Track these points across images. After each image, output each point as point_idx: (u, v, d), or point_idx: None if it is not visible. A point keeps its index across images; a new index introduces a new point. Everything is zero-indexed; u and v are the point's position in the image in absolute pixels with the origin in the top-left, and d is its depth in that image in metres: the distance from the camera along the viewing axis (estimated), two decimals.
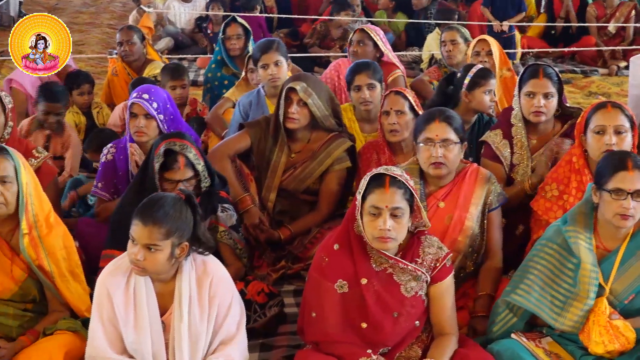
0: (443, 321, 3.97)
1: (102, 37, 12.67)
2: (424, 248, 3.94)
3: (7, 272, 4.20)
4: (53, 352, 3.96)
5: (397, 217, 3.78)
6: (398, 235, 3.81)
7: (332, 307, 3.89)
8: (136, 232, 3.68)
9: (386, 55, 7.11)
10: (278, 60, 6.16)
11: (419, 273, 3.88)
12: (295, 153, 5.40)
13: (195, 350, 3.78)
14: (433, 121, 4.49)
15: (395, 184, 3.80)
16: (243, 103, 6.41)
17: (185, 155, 4.60)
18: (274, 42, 6.31)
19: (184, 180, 4.59)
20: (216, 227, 4.73)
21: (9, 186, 4.11)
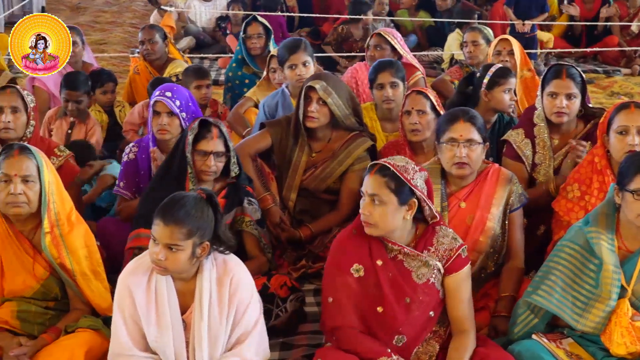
0: (460, 316, 3.96)
1: (124, 36, 12.70)
2: (438, 238, 3.97)
3: (29, 270, 4.23)
4: (74, 350, 3.98)
5: (376, 203, 3.84)
6: (378, 221, 3.85)
7: (349, 292, 3.92)
8: (157, 232, 3.69)
9: (405, 57, 7.08)
10: (306, 61, 6.16)
11: (429, 260, 3.91)
12: (316, 152, 5.41)
13: (215, 348, 3.79)
14: (457, 121, 4.48)
15: (382, 172, 3.87)
16: (268, 104, 6.40)
17: (219, 127, 4.67)
18: (302, 42, 6.30)
19: (215, 153, 4.65)
20: (242, 218, 4.77)
21: (31, 185, 4.14)
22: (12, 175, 4.11)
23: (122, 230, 4.93)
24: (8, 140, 5.08)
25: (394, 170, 3.85)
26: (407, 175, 3.85)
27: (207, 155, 4.65)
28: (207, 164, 4.64)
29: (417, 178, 3.89)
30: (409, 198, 3.87)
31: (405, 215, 3.89)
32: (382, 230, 3.88)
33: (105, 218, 5.54)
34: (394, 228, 3.90)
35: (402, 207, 3.86)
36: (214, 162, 4.65)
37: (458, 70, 7.74)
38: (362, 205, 3.89)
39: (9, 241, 4.21)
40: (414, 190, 3.87)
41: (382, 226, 3.87)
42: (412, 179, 3.86)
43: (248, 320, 3.84)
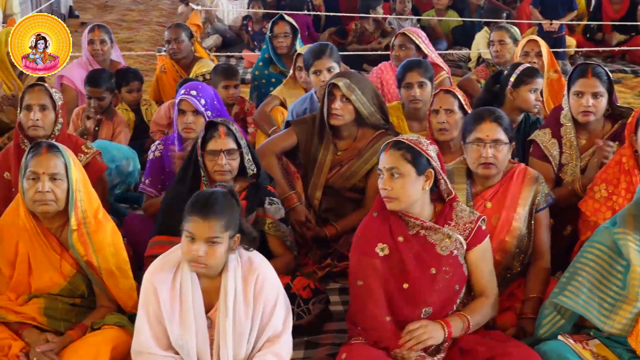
0: (482, 285, 4.11)
1: (151, 35, 12.76)
2: (456, 212, 4.08)
3: (57, 268, 4.25)
4: (100, 347, 4.00)
5: (395, 176, 3.95)
6: (399, 194, 3.95)
7: (375, 275, 3.98)
8: (196, 228, 3.70)
9: (430, 57, 7.06)
10: (331, 67, 6.13)
11: (450, 232, 4.00)
12: (342, 151, 5.40)
13: (239, 347, 3.80)
14: (483, 121, 4.48)
15: (396, 146, 3.98)
16: (297, 110, 6.37)
17: (225, 125, 4.65)
18: (328, 47, 6.27)
19: (226, 151, 4.61)
20: (264, 219, 4.76)
21: (59, 183, 4.16)
22: (40, 173, 4.13)
23: (148, 228, 4.95)
24: (36, 138, 5.10)
25: (409, 143, 3.96)
26: (422, 147, 3.98)
27: (218, 154, 4.62)
28: (219, 163, 4.61)
29: (431, 150, 4.02)
30: (425, 168, 3.98)
31: (424, 186, 3.99)
32: (403, 203, 3.97)
33: (131, 215, 5.56)
34: (414, 200, 3.99)
35: (420, 177, 3.96)
36: (225, 160, 4.62)
37: (484, 70, 7.72)
38: (381, 182, 3.98)
39: (37, 239, 4.24)
40: (429, 160, 3.98)
41: (404, 199, 3.96)
42: (427, 150, 3.99)
43: (277, 320, 3.85)
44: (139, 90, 7.35)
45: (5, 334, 4.16)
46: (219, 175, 4.61)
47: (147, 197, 5.39)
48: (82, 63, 7.63)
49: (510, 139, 4.51)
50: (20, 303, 4.26)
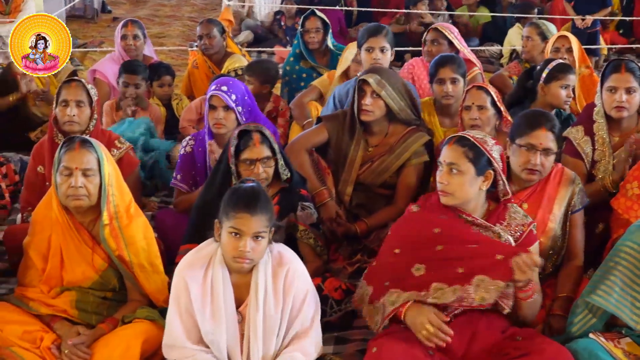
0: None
1: (183, 30, 12.79)
2: (510, 213, 4.07)
3: (89, 262, 4.28)
4: (131, 340, 4.03)
5: (454, 172, 3.93)
6: (456, 190, 3.95)
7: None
8: (245, 225, 3.72)
9: (462, 52, 7.03)
10: (384, 47, 6.17)
11: (501, 232, 3.97)
12: (373, 147, 5.39)
13: (269, 341, 3.81)
14: (539, 128, 4.42)
15: (461, 142, 3.96)
16: (339, 92, 6.36)
17: (260, 131, 4.63)
18: (384, 28, 6.32)
19: (261, 159, 4.60)
20: (296, 226, 4.75)
21: (91, 179, 4.19)
22: (73, 168, 4.16)
23: (179, 223, 4.96)
24: (71, 133, 5.14)
25: (474, 141, 3.93)
26: (487, 146, 3.95)
27: (254, 163, 4.60)
28: (255, 172, 4.58)
29: (494, 150, 3.99)
30: (486, 169, 3.96)
31: (482, 186, 3.98)
32: (458, 199, 3.97)
33: (163, 210, 5.59)
34: (469, 198, 3.98)
35: (479, 177, 3.95)
36: (262, 168, 4.60)
37: (517, 66, 7.68)
38: (440, 175, 3.98)
39: (69, 233, 4.27)
40: (491, 161, 3.96)
41: (459, 195, 3.95)
42: (491, 150, 3.96)
43: (306, 315, 3.86)
44: (170, 85, 7.38)
45: (38, 326, 4.20)
46: None
47: (178, 193, 5.41)
48: (115, 58, 7.67)
49: (560, 147, 4.50)
50: (52, 296, 4.30)
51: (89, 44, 11.26)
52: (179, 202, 5.35)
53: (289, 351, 3.81)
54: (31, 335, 4.14)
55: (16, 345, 4.09)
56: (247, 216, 3.73)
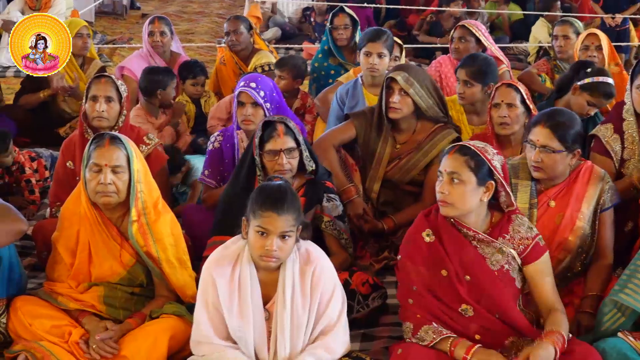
0: (549, 300, 3.96)
1: (211, 27, 12.81)
2: (513, 226, 3.96)
3: (117, 257, 4.30)
4: (158, 335, 4.06)
5: (455, 182, 3.85)
6: (456, 201, 3.86)
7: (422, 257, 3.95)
8: (271, 224, 3.72)
9: (490, 49, 7.00)
10: (382, 53, 6.14)
11: (503, 247, 3.90)
12: (401, 144, 5.38)
13: (297, 338, 3.81)
14: (538, 125, 4.42)
15: (461, 151, 3.89)
16: (340, 92, 6.42)
17: (284, 123, 4.63)
18: (384, 34, 6.28)
19: (285, 150, 4.60)
20: (321, 217, 4.75)
21: (120, 175, 4.21)
22: (102, 165, 4.18)
23: (207, 219, 4.97)
24: (100, 129, 5.16)
25: (475, 150, 3.87)
26: (488, 156, 3.88)
27: (278, 154, 4.60)
28: (279, 162, 4.58)
29: (496, 160, 3.91)
30: (487, 179, 3.88)
31: (482, 197, 3.90)
32: (458, 210, 3.88)
33: (190, 205, 5.60)
34: (470, 209, 3.90)
35: (480, 188, 3.87)
36: (286, 159, 4.59)
37: (545, 64, 7.64)
38: (440, 185, 3.91)
39: (98, 228, 4.29)
40: (492, 171, 3.88)
41: (459, 206, 3.87)
42: (492, 160, 3.89)
43: (332, 312, 3.86)
44: (202, 85, 7.38)
45: (66, 321, 4.23)
46: (280, 174, 4.53)
47: (206, 188, 5.42)
48: (143, 54, 7.70)
49: (568, 147, 4.40)
50: (80, 291, 4.33)
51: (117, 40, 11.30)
52: (207, 197, 5.36)
53: (314, 347, 3.82)
54: (59, 330, 4.17)
55: (45, 339, 4.12)
56: (274, 215, 3.72)
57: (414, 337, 3.89)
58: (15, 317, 4.20)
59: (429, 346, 3.83)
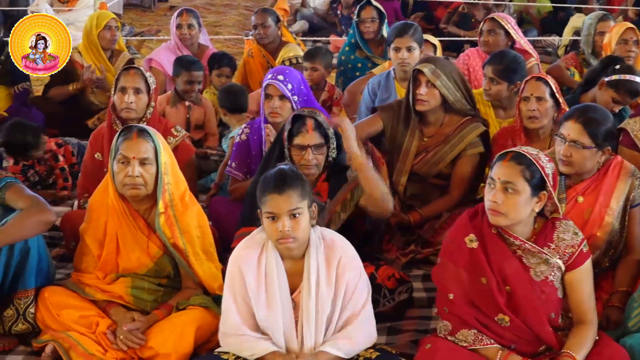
0: (582, 308, 3.88)
1: (238, 19, 12.84)
2: (558, 234, 3.86)
3: (144, 249, 4.32)
4: (185, 327, 4.06)
5: (508, 191, 3.73)
6: (509, 211, 3.74)
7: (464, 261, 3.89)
8: (275, 206, 3.73)
9: (519, 42, 6.97)
10: (411, 46, 6.15)
11: (549, 258, 3.81)
12: (428, 137, 5.37)
13: (322, 328, 3.81)
14: (570, 119, 4.36)
15: (517, 159, 3.76)
16: (372, 83, 6.44)
17: (314, 117, 4.61)
18: (412, 27, 6.29)
19: (313, 146, 4.57)
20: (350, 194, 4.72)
21: (148, 168, 4.22)
22: (130, 157, 4.19)
23: (234, 211, 4.97)
24: (128, 120, 5.18)
25: (530, 159, 3.76)
26: (542, 164, 3.77)
27: (305, 149, 4.57)
28: (305, 158, 4.56)
29: (548, 168, 3.80)
30: (540, 190, 3.78)
31: (535, 207, 3.79)
32: (509, 220, 3.77)
33: (217, 198, 5.60)
34: (521, 219, 3.79)
35: (533, 198, 3.77)
36: (312, 155, 4.57)
37: (574, 58, 7.60)
38: (491, 193, 3.77)
39: (125, 219, 4.31)
40: (546, 182, 3.78)
41: (512, 216, 3.76)
42: (545, 168, 3.78)
43: (356, 302, 3.85)
44: (228, 77, 7.37)
45: (93, 312, 4.25)
46: (306, 169, 4.52)
47: (233, 180, 5.43)
48: (171, 47, 7.72)
49: (600, 144, 4.33)
50: (108, 282, 4.35)
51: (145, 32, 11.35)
52: (234, 189, 5.37)
53: (336, 338, 3.82)
54: (87, 320, 4.20)
55: (72, 329, 4.15)
56: (275, 196, 3.73)
57: (451, 336, 3.87)
58: (44, 307, 4.23)
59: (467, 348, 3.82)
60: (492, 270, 3.81)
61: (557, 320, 3.91)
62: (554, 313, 3.88)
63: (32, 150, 6.16)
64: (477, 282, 3.84)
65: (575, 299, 3.89)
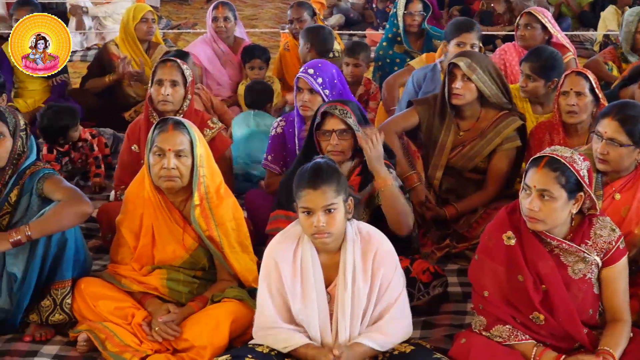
0: (616, 306, 3.85)
1: (274, 12, 12.84)
2: (595, 230, 3.84)
3: (179, 241, 4.34)
4: (220, 319, 4.08)
5: (545, 198, 3.70)
6: (547, 218, 3.72)
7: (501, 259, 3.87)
8: (310, 201, 3.73)
9: (555, 36, 6.91)
10: (475, 44, 6.15)
11: (586, 255, 3.79)
12: (464, 131, 5.34)
13: (358, 320, 3.81)
14: (607, 116, 4.31)
15: (552, 165, 3.72)
16: (417, 76, 6.41)
17: (337, 107, 4.61)
18: (475, 24, 6.33)
19: (337, 130, 4.58)
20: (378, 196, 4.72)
21: (184, 160, 4.23)
22: (166, 149, 4.21)
23: (269, 203, 4.98)
24: (165, 112, 5.21)
25: (565, 163, 3.72)
26: (577, 167, 3.73)
27: (330, 134, 4.60)
28: (331, 142, 4.58)
29: (584, 169, 3.76)
30: (577, 192, 3.75)
31: (572, 210, 3.78)
32: (548, 225, 3.76)
33: (252, 190, 5.61)
34: (560, 223, 3.78)
35: (570, 201, 3.75)
36: (337, 139, 4.58)
37: (612, 52, 7.54)
38: (528, 200, 3.74)
39: (161, 211, 4.33)
40: (582, 183, 3.75)
41: (550, 222, 3.75)
42: (581, 171, 3.74)
43: (391, 295, 3.85)
44: (261, 68, 7.37)
45: (129, 303, 4.28)
46: (333, 155, 4.52)
47: (269, 174, 5.44)
48: (207, 40, 7.74)
49: (637, 142, 4.26)
50: (143, 273, 4.38)
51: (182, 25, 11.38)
52: (270, 183, 5.39)
53: (370, 331, 3.82)
54: (123, 312, 4.23)
55: (108, 320, 4.18)
56: (310, 192, 3.74)
57: (485, 332, 3.86)
58: (80, 298, 4.26)
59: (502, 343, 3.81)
60: (528, 268, 3.80)
61: (595, 317, 3.88)
62: (591, 309, 3.86)
63: (68, 133, 6.20)
64: (513, 279, 3.83)
65: (610, 296, 3.86)
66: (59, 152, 6.23)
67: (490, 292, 3.88)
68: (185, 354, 4.05)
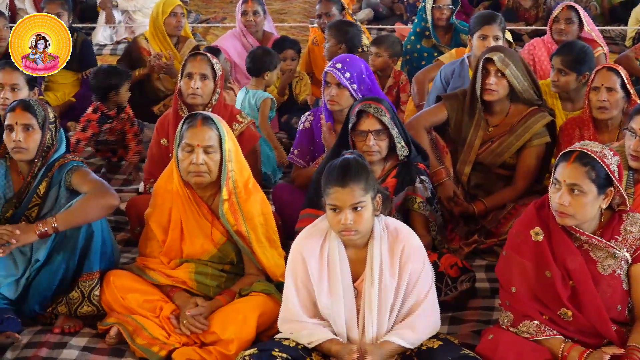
0: None
1: (304, 6, 12.81)
2: (625, 226, 3.81)
3: (207, 235, 4.35)
4: (247, 313, 4.09)
5: (575, 192, 3.68)
6: (576, 212, 3.70)
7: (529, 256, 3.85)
8: (338, 199, 3.72)
9: (588, 32, 6.86)
10: (498, 35, 6.11)
11: (616, 252, 3.76)
12: (493, 127, 5.32)
13: (384, 317, 3.81)
14: None
15: (582, 160, 3.69)
16: (445, 71, 6.39)
17: (372, 106, 4.61)
18: (498, 16, 6.28)
19: (374, 131, 4.59)
20: (414, 199, 4.72)
21: (212, 155, 4.25)
22: (194, 145, 4.22)
23: (296, 198, 5.00)
24: (194, 106, 5.23)
25: (595, 158, 3.69)
26: (607, 162, 3.71)
27: (366, 135, 4.60)
28: (367, 143, 4.58)
29: (614, 164, 3.73)
30: (607, 187, 3.72)
31: (602, 205, 3.75)
32: (578, 220, 3.73)
33: (280, 185, 5.62)
34: (590, 218, 3.76)
35: (600, 196, 3.72)
36: (374, 141, 4.59)
37: None
38: (557, 194, 3.72)
39: (190, 206, 4.35)
40: (612, 178, 3.71)
41: (580, 217, 3.72)
42: (611, 165, 3.71)
43: (419, 291, 3.84)
44: (293, 59, 7.35)
45: (157, 296, 4.30)
46: (368, 155, 4.53)
47: (295, 168, 5.45)
48: (236, 34, 7.75)
49: None
50: (172, 267, 4.40)
51: (211, 19, 11.40)
52: (296, 176, 5.40)
53: (399, 327, 3.81)
54: (151, 305, 4.25)
55: (137, 313, 4.21)
56: (339, 189, 3.73)
57: (513, 327, 3.85)
58: (109, 290, 4.29)
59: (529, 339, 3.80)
60: (556, 264, 3.78)
61: (624, 313, 3.86)
62: (620, 306, 3.83)
63: (120, 89, 6.32)
64: (541, 275, 3.81)
65: (638, 293, 3.84)
66: (103, 115, 6.30)
67: (517, 288, 3.86)
68: (212, 348, 4.05)
